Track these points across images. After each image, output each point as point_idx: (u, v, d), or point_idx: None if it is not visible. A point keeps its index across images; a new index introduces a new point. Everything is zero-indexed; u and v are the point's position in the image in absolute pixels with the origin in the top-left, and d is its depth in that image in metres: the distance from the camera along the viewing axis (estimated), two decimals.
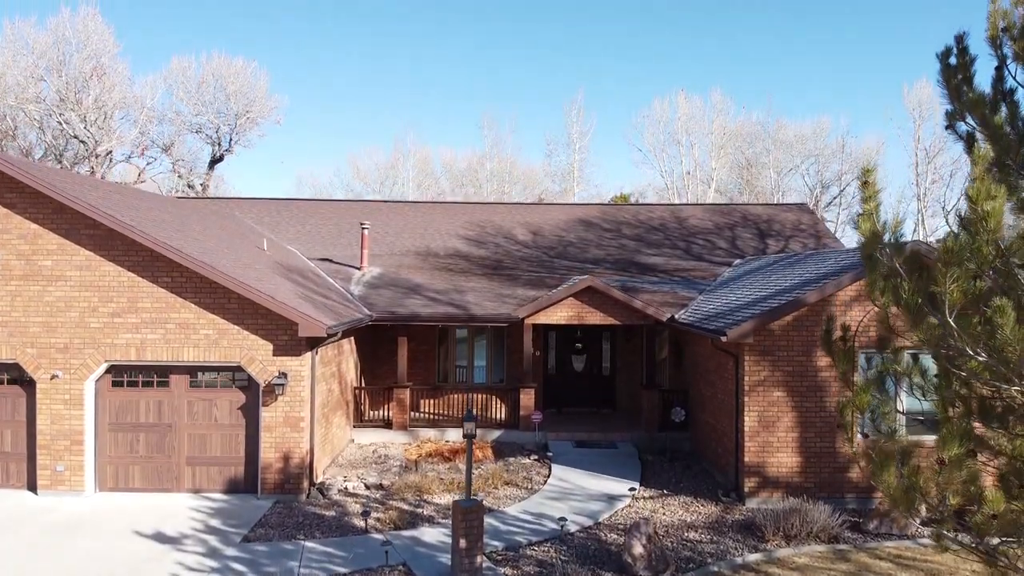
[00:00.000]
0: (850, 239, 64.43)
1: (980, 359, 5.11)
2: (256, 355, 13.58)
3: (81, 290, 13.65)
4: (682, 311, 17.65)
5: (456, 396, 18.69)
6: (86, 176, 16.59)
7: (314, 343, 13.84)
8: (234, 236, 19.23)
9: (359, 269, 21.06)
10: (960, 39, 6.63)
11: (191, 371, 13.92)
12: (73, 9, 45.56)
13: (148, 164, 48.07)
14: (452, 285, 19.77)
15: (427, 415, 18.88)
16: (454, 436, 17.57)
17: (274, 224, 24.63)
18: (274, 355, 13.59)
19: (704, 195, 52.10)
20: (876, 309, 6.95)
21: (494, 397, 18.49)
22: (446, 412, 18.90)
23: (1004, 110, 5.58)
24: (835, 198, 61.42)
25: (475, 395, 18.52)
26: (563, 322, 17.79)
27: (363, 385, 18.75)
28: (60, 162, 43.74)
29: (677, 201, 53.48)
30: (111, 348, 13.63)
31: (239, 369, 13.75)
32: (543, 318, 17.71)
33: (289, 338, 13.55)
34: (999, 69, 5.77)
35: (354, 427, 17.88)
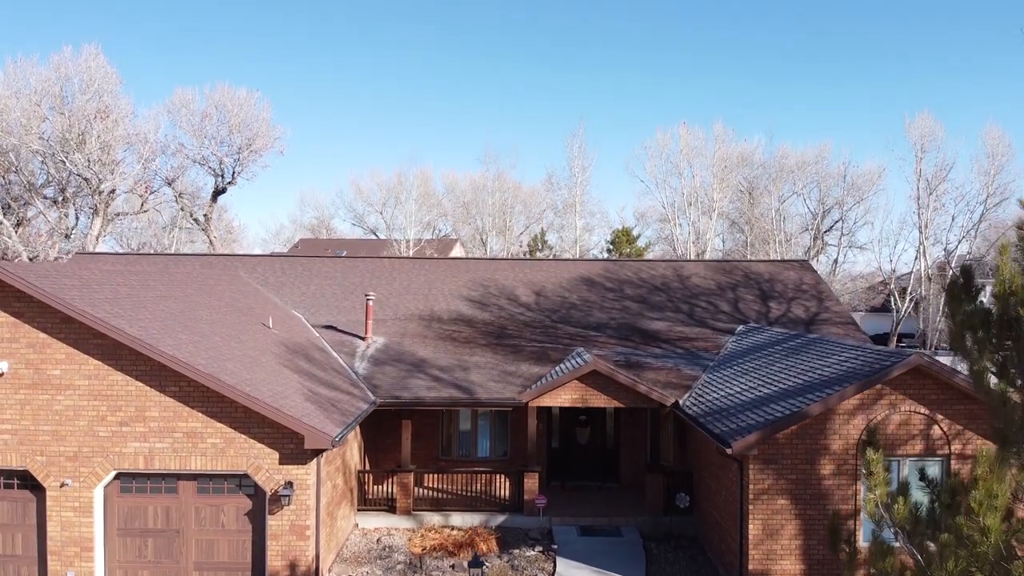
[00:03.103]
0: (851, 263, 64.55)
1: None
2: (262, 464, 13.69)
3: (90, 399, 13.75)
4: (686, 395, 17.73)
5: (460, 476, 18.74)
6: (92, 269, 16.68)
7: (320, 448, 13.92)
8: (241, 313, 19.33)
9: (363, 339, 21.16)
10: (967, 270, 6.72)
11: (198, 477, 14.02)
12: (75, 47, 45.71)
13: (151, 193, 48.23)
14: (456, 360, 19.85)
15: (431, 492, 18.93)
16: (458, 521, 17.66)
17: (279, 285, 24.73)
18: (280, 463, 13.69)
19: (706, 224, 52.12)
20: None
21: (498, 475, 18.55)
22: (450, 489, 18.97)
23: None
24: (836, 222, 61.56)
25: (479, 475, 18.60)
26: (568, 404, 17.86)
27: (367, 468, 18.85)
28: (63, 193, 43.87)
29: (678, 232, 53.55)
30: (120, 457, 13.74)
31: (246, 476, 13.85)
32: (547, 400, 17.80)
33: (295, 447, 13.65)
34: (1001, 332, 5.84)
35: (358, 510, 17.96)
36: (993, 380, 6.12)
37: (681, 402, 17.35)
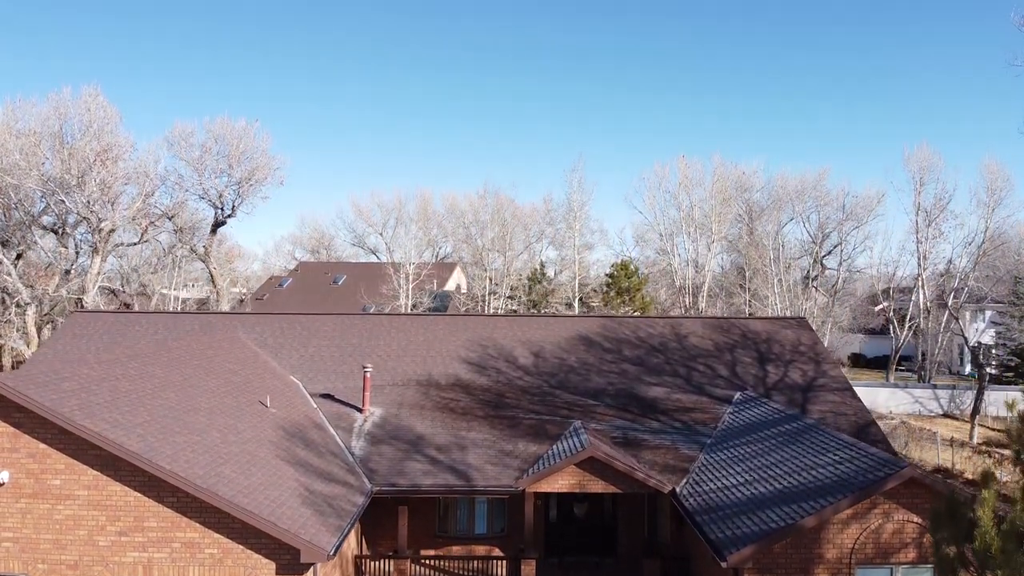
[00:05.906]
0: (849, 284, 64.61)
1: None
2: (259, 574, 13.78)
3: (89, 509, 13.86)
4: (684, 480, 17.81)
5: (457, 560, 18.84)
6: (92, 363, 16.78)
7: None
8: (239, 392, 19.45)
9: (361, 412, 21.25)
10: (952, 500, 6.83)
11: None
12: (75, 69, 45.75)
13: (152, 224, 48.36)
14: (454, 437, 19.94)
15: (428, 571, 19.01)
16: None
17: (277, 347, 24.81)
18: (277, 574, 13.79)
19: (704, 253, 52.26)
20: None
21: (495, 561, 18.60)
22: (448, 568, 19.07)
23: None
24: (836, 247, 61.72)
25: (475, 561, 18.68)
26: (565, 490, 17.96)
27: (363, 552, 18.93)
28: (64, 227, 44.02)
29: (677, 262, 53.68)
30: (119, 566, 13.83)
31: None
32: (545, 487, 17.88)
33: (292, 557, 13.72)
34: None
35: None
36: None
37: (678, 490, 17.43)
